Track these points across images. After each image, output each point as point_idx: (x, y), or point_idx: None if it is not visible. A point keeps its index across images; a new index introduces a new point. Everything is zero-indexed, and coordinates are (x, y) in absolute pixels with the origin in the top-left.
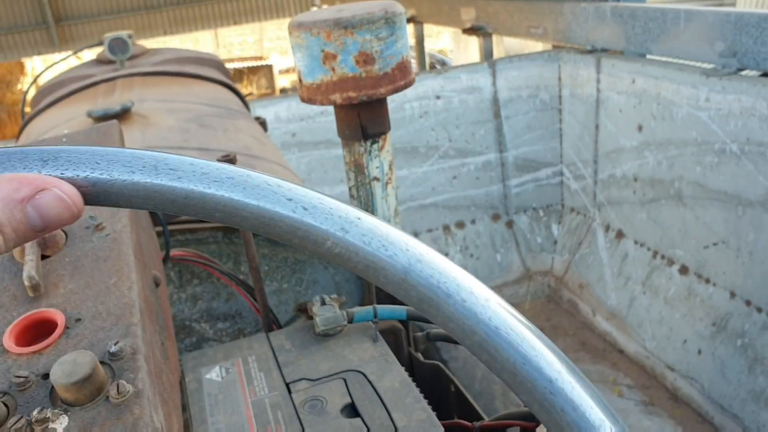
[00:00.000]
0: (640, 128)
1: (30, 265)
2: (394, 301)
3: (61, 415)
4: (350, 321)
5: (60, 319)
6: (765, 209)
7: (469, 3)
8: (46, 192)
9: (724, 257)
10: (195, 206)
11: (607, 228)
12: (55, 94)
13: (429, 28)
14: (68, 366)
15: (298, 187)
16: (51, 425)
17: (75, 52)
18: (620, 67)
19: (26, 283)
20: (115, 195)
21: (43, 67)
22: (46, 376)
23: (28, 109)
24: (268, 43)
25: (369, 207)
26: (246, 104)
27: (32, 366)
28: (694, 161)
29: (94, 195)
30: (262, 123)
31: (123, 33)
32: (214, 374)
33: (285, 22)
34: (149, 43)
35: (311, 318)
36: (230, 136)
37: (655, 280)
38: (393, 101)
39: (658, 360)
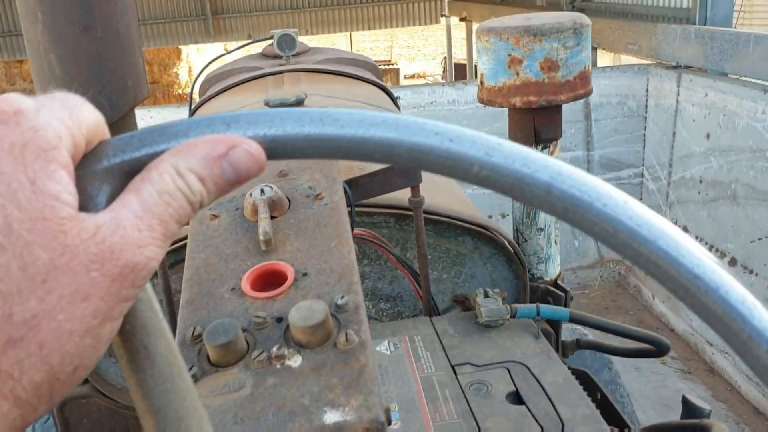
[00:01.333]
0: (708, 136)
1: (265, 222)
2: (552, 303)
3: (295, 354)
4: (513, 316)
5: (290, 271)
6: None
7: None
8: (237, 148)
9: (766, 251)
10: (357, 149)
11: (675, 224)
12: (225, 82)
13: None
14: (305, 311)
15: (442, 123)
16: (287, 362)
17: (243, 46)
18: (696, 81)
19: (261, 237)
20: (290, 147)
21: (196, 55)
22: (279, 319)
23: (195, 97)
24: (398, 50)
25: (532, 210)
26: (397, 106)
27: (267, 309)
28: (749, 166)
29: (273, 149)
30: None
31: (291, 30)
32: (383, 347)
33: (415, 31)
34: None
35: (467, 310)
36: None
37: None
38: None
39: (700, 337)
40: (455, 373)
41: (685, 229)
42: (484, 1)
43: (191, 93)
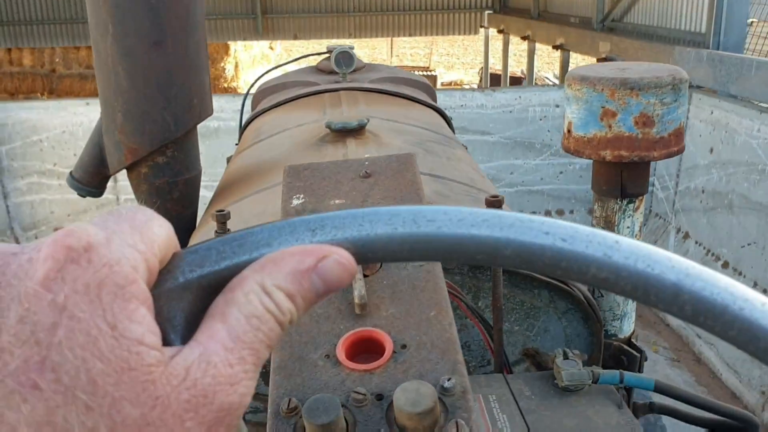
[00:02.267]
0: (711, 150)
1: (360, 285)
2: (627, 367)
3: None
4: (595, 381)
5: (388, 342)
6: None
7: (606, 38)
8: (326, 259)
9: (753, 254)
10: (457, 251)
11: (678, 230)
12: (280, 95)
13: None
14: (412, 394)
15: (550, 219)
16: None
17: (295, 60)
18: (704, 100)
19: (357, 300)
20: (382, 251)
21: (242, 51)
22: (379, 396)
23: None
24: (437, 57)
25: None
26: (452, 128)
27: (365, 383)
28: (744, 178)
29: (364, 254)
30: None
31: (347, 47)
32: None
33: (455, 40)
34: (336, 43)
35: (537, 364)
36: (454, 165)
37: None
38: (519, 104)
39: (691, 330)
40: None
41: (686, 234)
42: (521, 16)
43: (242, 106)
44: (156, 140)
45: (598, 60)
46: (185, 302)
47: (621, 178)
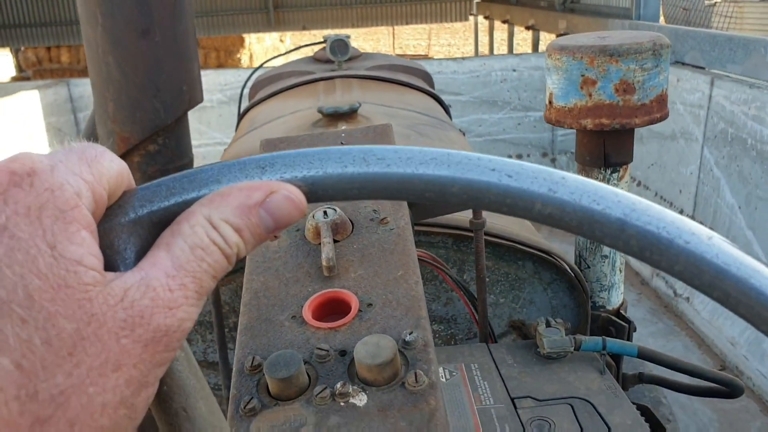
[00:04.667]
0: None
1: (328, 248)
2: (612, 335)
3: (360, 392)
4: (577, 348)
5: (354, 301)
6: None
7: (564, 17)
8: (275, 194)
9: (656, 173)
10: (406, 189)
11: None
12: (276, 85)
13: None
14: (372, 347)
15: (497, 157)
16: (351, 400)
17: (294, 50)
18: None
19: (324, 263)
20: (333, 189)
21: (256, 43)
22: (343, 352)
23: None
24: (438, 47)
25: None
26: (449, 114)
27: (329, 341)
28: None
29: (314, 192)
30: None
31: (343, 35)
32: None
33: (456, 31)
34: (340, 33)
35: (523, 336)
36: (446, 146)
37: (617, 185)
38: (484, 69)
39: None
40: (515, 407)
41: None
42: (503, 2)
43: (240, 96)
44: (147, 128)
45: (558, 35)
46: (136, 237)
47: (603, 147)
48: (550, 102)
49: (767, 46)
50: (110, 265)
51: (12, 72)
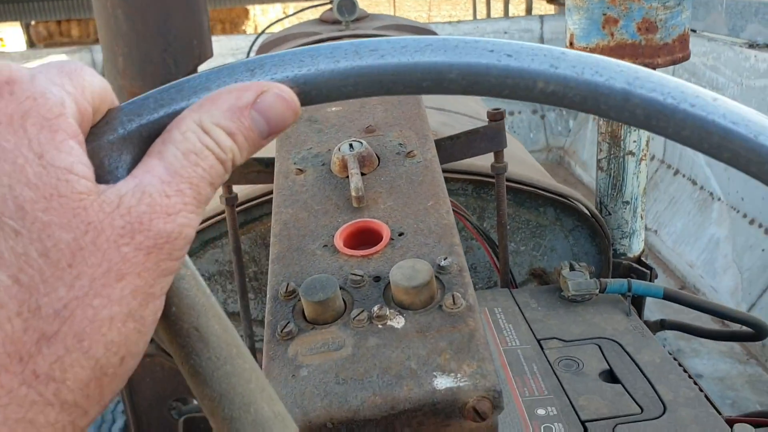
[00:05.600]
0: None
1: (356, 178)
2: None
3: (397, 315)
4: (602, 291)
5: (385, 230)
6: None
7: None
8: (265, 94)
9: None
10: (402, 81)
11: (596, 119)
12: (282, 48)
13: None
14: (408, 270)
15: (493, 39)
16: (389, 322)
17: (302, 10)
18: None
19: (354, 193)
20: (326, 87)
21: (261, 15)
22: (377, 278)
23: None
24: (439, 19)
25: (618, 181)
26: None
27: (363, 268)
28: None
29: (307, 92)
30: None
31: None
32: None
33: (457, 2)
34: None
35: (545, 284)
36: (458, 99)
37: (598, 135)
38: (477, 31)
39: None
40: (542, 348)
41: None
42: None
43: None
44: (158, 83)
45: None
46: (126, 154)
47: None
48: (571, 43)
49: (723, 4)
50: (102, 183)
51: (23, 47)
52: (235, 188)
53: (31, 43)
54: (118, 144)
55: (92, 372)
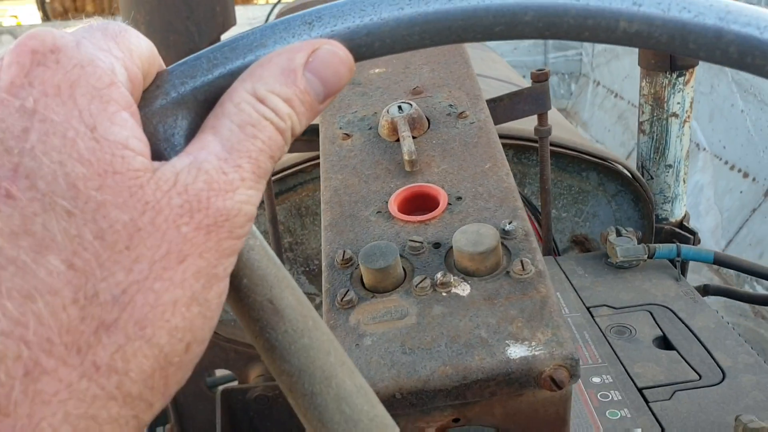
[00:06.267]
0: None
1: (408, 141)
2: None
3: (462, 282)
4: (651, 256)
5: (442, 195)
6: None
7: None
8: (318, 52)
9: (631, 84)
10: (473, 27)
11: (596, 83)
12: None
13: None
14: (472, 235)
15: None
16: (454, 290)
17: None
18: None
19: (406, 157)
20: (390, 37)
21: None
22: (437, 245)
23: None
24: None
25: (662, 144)
26: None
27: (421, 234)
28: None
29: (369, 44)
30: None
31: None
32: None
33: None
34: None
35: (587, 251)
36: (490, 65)
37: (598, 97)
38: None
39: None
40: (592, 315)
41: (597, 83)
42: None
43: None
44: (181, 52)
45: None
46: (182, 120)
47: None
48: None
49: None
50: (156, 156)
51: (38, 22)
52: None
53: (46, 17)
54: (172, 109)
55: (156, 361)
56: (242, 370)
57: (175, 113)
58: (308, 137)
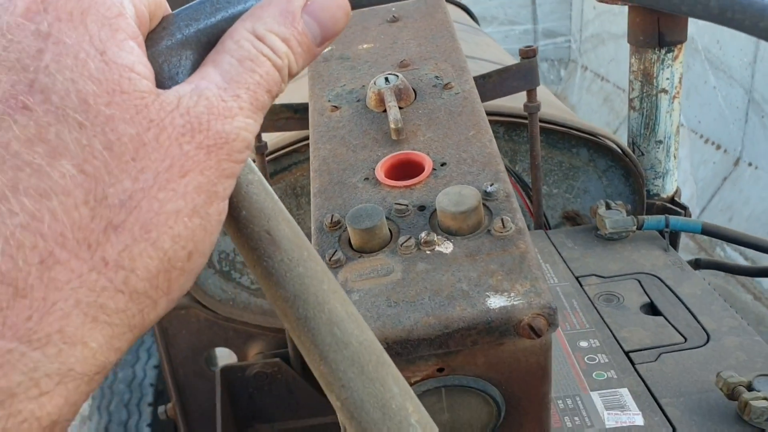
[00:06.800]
0: (594, 7)
1: (394, 110)
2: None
3: (445, 240)
4: (639, 227)
5: (427, 161)
6: None
7: None
8: None
9: (616, 67)
10: None
11: (584, 68)
12: None
13: None
14: (455, 196)
15: None
16: (437, 248)
17: None
18: None
19: (392, 125)
20: None
21: None
22: (422, 207)
23: None
24: None
25: (651, 120)
26: (476, 21)
27: (406, 198)
28: (609, 21)
29: None
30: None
31: None
32: None
33: None
34: None
35: (577, 226)
36: (483, 49)
37: (585, 81)
38: None
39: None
40: (581, 285)
41: (585, 68)
42: None
43: None
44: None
45: None
46: (186, 59)
47: (658, 26)
48: None
49: None
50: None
51: None
52: (264, 137)
53: None
54: (177, 49)
55: (160, 263)
56: (241, 348)
57: (179, 53)
58: (301, 115)
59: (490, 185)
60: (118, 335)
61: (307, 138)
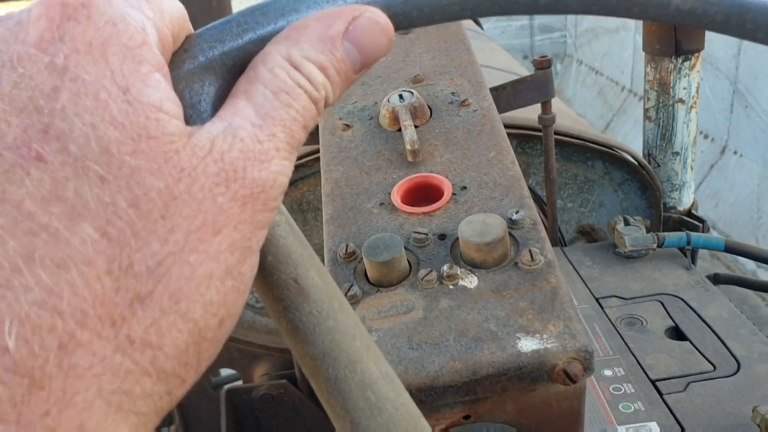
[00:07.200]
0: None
1: (410, 130)
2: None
3: (469, 274)
4: (660, 245)
5: (446, 185)
6: None
7: None
8: (358, 20)
9: (610, 60)
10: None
11: (579, 62)
12: None
13: None
14: (479, 225)
15: None
16: (461, 282)
17: None
18: None
19: (408, 147)
20: (429, 6)
21: None
22: (442, 236)
23: None
24: None
25: (668, 131)
26: (481, 26)
27: (425, 225)
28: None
29: (407, 13)
30: None
31: None
32: None
33: None
34: None
35: (593, 242)
36: (489, 55)
37: (581, 75)
38: None
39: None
40: (601, 307)
41: (580, 62)
42: None
43: None
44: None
45: None
46: (209, 86)
47: (675, 34)
48: None
49: None
50: (186, 122)
51: None
52: None
53: None
54: (200, 74)
55: (190, 336)
56: (247, 368)
57: (202, 78)
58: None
59: (516, 212)
60: (144, 423)
61: (313, 152)
